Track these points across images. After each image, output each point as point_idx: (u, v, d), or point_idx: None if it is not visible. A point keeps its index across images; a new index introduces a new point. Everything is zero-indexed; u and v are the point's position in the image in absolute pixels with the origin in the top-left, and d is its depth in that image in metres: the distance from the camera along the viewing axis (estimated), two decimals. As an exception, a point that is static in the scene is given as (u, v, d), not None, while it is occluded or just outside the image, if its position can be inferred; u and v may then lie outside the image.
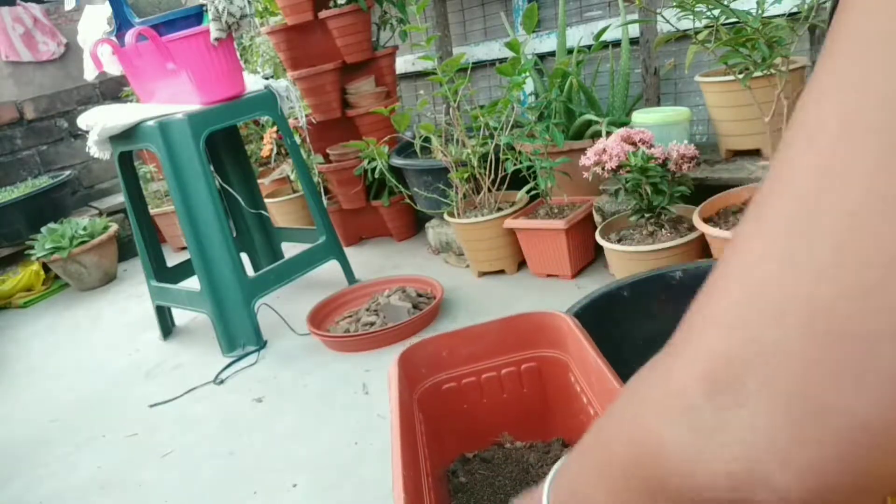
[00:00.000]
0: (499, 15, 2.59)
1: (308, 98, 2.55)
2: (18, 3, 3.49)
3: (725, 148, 1.85)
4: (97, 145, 2.03)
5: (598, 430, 0.34)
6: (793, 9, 1.57)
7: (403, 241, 2.68)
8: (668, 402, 0.26)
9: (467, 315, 1.93)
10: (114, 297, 2.88)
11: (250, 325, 2.01)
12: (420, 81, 3.05)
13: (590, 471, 0.34)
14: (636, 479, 0.28)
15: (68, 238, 2.90)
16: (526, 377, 1.05)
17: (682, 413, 0.25)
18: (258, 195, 2.56)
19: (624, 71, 2.09)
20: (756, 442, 0.23)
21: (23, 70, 3.54)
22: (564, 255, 1.92)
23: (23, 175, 3.49)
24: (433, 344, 1.02)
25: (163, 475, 1.52)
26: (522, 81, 1.93)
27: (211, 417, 1.72)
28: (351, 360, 1.83)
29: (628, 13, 2.13)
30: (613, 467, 0.30)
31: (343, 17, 2.39)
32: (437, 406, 1.03)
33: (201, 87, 1.93)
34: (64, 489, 1.56)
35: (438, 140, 2.12)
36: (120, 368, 2.14)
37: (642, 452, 0.27)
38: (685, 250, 1.62)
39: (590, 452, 0.35)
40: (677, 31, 1.59)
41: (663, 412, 0.26)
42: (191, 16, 1.97)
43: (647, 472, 0.27)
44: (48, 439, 1.80)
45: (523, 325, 1.02)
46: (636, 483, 0.28)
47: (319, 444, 1.49)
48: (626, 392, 0.32)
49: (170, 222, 3.18)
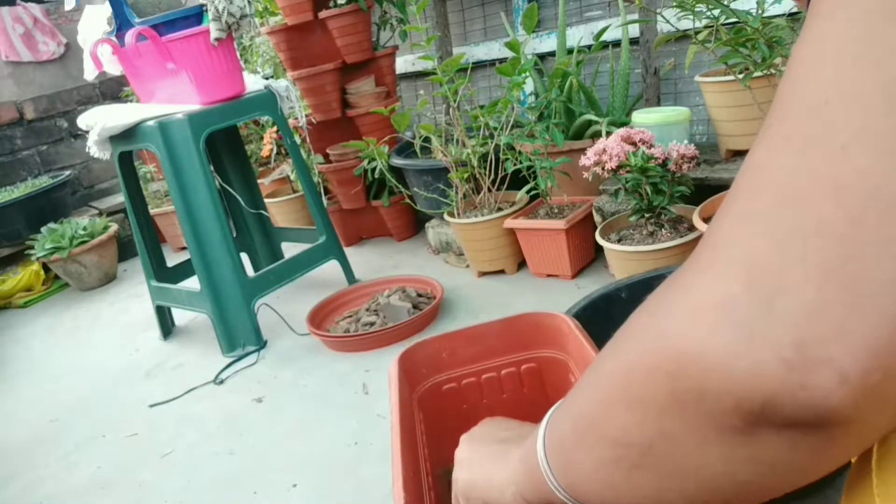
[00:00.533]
0: (499, 15, 2.59)
1: (308, 98, 2.55)
2: (18, 3, 3.49)
3: (725, 148, 1.85)
4: (97, 145, 2.03)
5: (600, 364, 0.34)
6: (793, 9, 1.57)
7: (403, 241, 2.69)
8: (704, 307, 0.26)
9: (467, 315, 1.93)
10: (114, 297, 2.88)
11: (250, 325, 2.01)
12: (420, 81, 3.05)
13: (597, 402, 0.33)
14: (663, 395, 0.28)
15: (68, 238, 2.90)
16: (526, 378, 1.05)
17: (723, 312, 0.25)
18: (258, 195, 2.56)
19: (624, 71, 2.09)
20: (809, 319, 0.23)
21: (23, 70, 3.54)
22: (564, 255, 1.92)
23: (23, 175, 3.49)
24: (433, 344, 1.02)
25: (163, 475, 1.52)
26: (522, 81, 1.93)
27: (211, 417, 1.72)
28: (351, 360, 1.83)
29: (628, 13, 2.13)
30: (631, 389, 0.29)
31: (343, 17, 2.39)
32: (437, 406, 1.03)
33: (201, 87, 1.93)
34: (64, 489, 1.56)
35: (438, 140, 2.12)
36: (120, 368, 2.14)
37: (674, 364, 0.27)
38: (685, 250, 1.62)
39: (594, 385, 0.34)
40: (677, 31, 1.59)
41: (698, 317, 0.26)
42: (191, 16, 1.97)
43: (679, 384, 0.27)
44: (48, 439, 1.80)
45: (523, 325, 1.02)
46: (662, 399, 0.28)
47: (319, 444, 1.49)
48: (633, 322, 0.32)
49: (170, 222, 3.18)
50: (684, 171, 1.63)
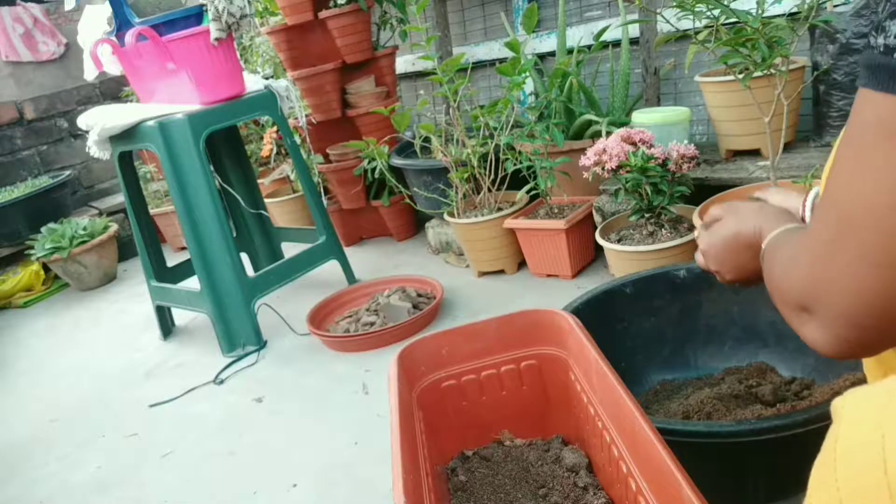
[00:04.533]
0: (499, 15, 2.59)
1: (308, 98, 2.55)
2: (18, 3, 3.49)
3: (725, 148, 1.85)
4: (97, 145, 2.03)
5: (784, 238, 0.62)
6: (793, 9, 1.57)
7: (403, 241, 2.69)
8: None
9: (467, 315, 1.93)
10: (114, 297, 2.87)
11: (250, 325, 2.01)
12: (420, 81, 3.05)
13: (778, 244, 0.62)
14: None
15: (68, 238, 2.90)
16: (526, 375, 1.05)
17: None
18: (258, 195, 2.56)
19: (624, 71, 2.10)
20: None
21: (23, 70, 3.54)
22: (564, 255, 1.92)
23: (23, 175, 3.49)
24: (433, 341, 1.02)
25: (163, 475, 1.52)
26: (522, 81, 1.93)
27: (211, 417, 1.72)
28: (351, 360, 1.83)
29: (628, 13, 2.13)
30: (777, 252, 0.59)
31: (343, 17, 2.39)
32: (436, 403, 1.03)
33: (201, 87, 1.93)
34: (64, 489, 1.56)
35: (438, 140, 2.12)
36: (120, 368, 2.14)
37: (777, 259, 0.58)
38: (685, 250, 1.62)
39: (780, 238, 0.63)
40: (677, 31, 1.59)
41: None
42: (191, 16, 1.97)
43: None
44: (48, 439, 1.80)
45: (523, 322, 1.02)
46: None
47: (319, 444, 1.49)
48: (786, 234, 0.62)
49: (170, 222, 3.18)
50: (684, 170, 1.63)
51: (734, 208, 0.76)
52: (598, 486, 0.95)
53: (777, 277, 0.56)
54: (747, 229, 0.71)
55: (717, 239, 0.76)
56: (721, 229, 0.76)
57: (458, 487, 0.99)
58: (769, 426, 0.84)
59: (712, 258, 0.78)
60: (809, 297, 0.48)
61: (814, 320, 0.48)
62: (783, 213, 0.71)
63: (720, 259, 0.76)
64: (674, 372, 1.30)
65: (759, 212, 0.71)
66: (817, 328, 0.48)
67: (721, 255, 0.76)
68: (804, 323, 0.50)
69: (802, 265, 0.50)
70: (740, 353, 1.27)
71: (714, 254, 0.77)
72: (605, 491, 0.93)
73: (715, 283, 1.29)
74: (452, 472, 1.02)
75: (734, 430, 0.87)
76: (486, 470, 1.01)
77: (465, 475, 1.01)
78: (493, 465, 1.02)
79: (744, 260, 0.72)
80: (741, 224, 0.72)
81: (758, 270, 0.69)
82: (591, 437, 0.96)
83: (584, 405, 0.96)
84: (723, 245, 0.75)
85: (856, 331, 0.45)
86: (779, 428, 0.84)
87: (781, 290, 0.54)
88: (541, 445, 1.05)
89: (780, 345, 1.23)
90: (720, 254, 0.76)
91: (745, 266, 0.73)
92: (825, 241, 0.46)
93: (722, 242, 0.75)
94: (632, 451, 0.79)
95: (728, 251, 0.74)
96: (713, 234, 0.78)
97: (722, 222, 0.77)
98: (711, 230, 0.78)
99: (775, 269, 0.57)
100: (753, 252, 0.70)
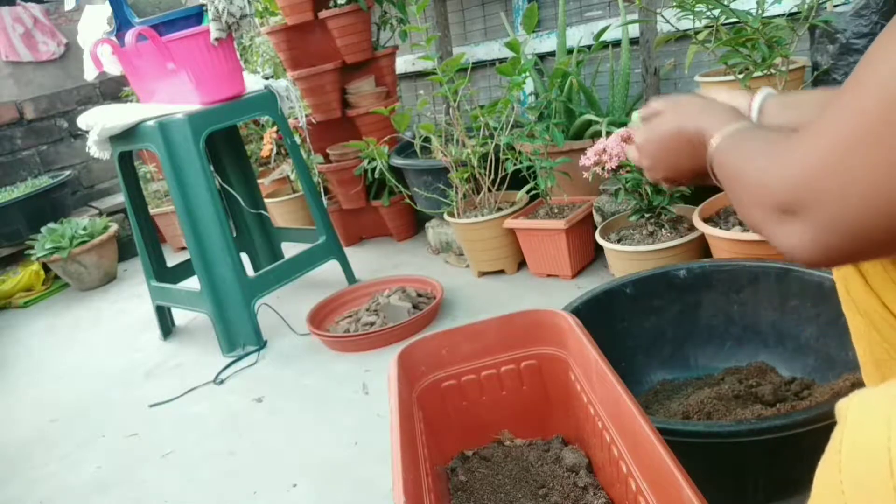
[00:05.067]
0: (499, 15, 2.59)
1: (308, 98, 2.55)
2: (18, 3, 3.49)
3: (725, 148, 1.84)
4: (97, 145, 2.03)
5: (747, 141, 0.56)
6: (793, 9, 1.57)
7: (403, 241, 2.69)
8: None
9: (467, 315, 1.93)
10: (114, 297, 2.88)
11: (250, 325, 2.01)
12: (420, 81, 3.05)
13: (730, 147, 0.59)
14: None
15: (68, 238, 2.90)
16: (526, 374, 1.05)
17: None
18: (258, 195, 2.56)
19: (624, 71, 2.09)
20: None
21: (23, 70, 3.54)
22: (564, 255, 1.92)
23: (23, 175, 3.49)
24: (433, 341, 1.02)
25: (163, 475, 1.52)
26: (522, 81, 1.93)
27: (211, 417, 1.72)
28: (351, 360, 1.83)
29: (628, 13, 2.13)
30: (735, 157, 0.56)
31: (343, 17, 2.39)
32: (436, 403, 1.03)
33: (201, 87, 1.93)
34: (64, 489, 1.56)
35: (438, 140, 2.12)
36: (120, 368, 2.14)
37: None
38: (685, 250, 1.62)
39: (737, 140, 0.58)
40: (677, 31, 1.59)
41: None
42: (191, 16, 1.97)
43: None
44: (48, 439, 1.80)
45: (523, 322, 1.02)
46: None
47: (319, 444, 1.49)
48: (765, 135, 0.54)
49: (170, 222, 3.18)
50: (684, 170, 1.63)
51: (676, 102, 0.73)
52: (598, 486, 0.95)
53: (751, 174, 0.51)
54: (690, 126, 0.66)
55: (656, 135, 0.73)
56: (662, 124, 0.72)
57: (458, 487, 0.99)
58: (769, 426, 0.84)
59: (648, 154, 0.74)
60: (801, 196, 0.43)
61: (798, 222, 0.44)
62: (731, 110, 0.66)
63: (656, 156, 0.73)
64: (674, 372, 1.30)
65: (705, 109, 0.67)
66: (802, 231, 0.44)
67: (658, 152, 0.72)
68: (782, 223, 0.45)
69: (795, 161, 0.45)
70: (740, 353, 1.27)
71: (650, 150, 0.74)
72: (605, 491, 0.93)
73: (715, 283, 1.29)
74: (452, 472, 1.02)
75: (734, 430, 0.87)
76: (486, 470, 1.01)
77: (465, 475, 1.01)
78: (493, 465, 1.02)
79: (682, 158, 0.69)
80: (683, 120, 0.68)
81: (694, 170, 0.66)
82: (591, 437, 0.96)
83: (584, 405, 0.96)
84: (660, 141, 0.72)
85: (848, 240, 0.42)
86: (779, 428, 0.84)
87: (759, 186, 0.48)
88: (541, 445, 1.05)
89: (780, 345, 1.23)
90: (657, 150, 0.72)
91: (680, 165, 0.70)
92: (846, 135, 0.41)
93: (659, 139, 0.72)
94: (632, 451, 0.79)
95: (665, 148, 0.71)
96: (652, 128, 0.74)
97: (662, 117, 0.73)
98: (651, 125, 0.75)
99: (746, 165, 0.52)
100: (693, 150, 0.66)
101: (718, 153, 0.60)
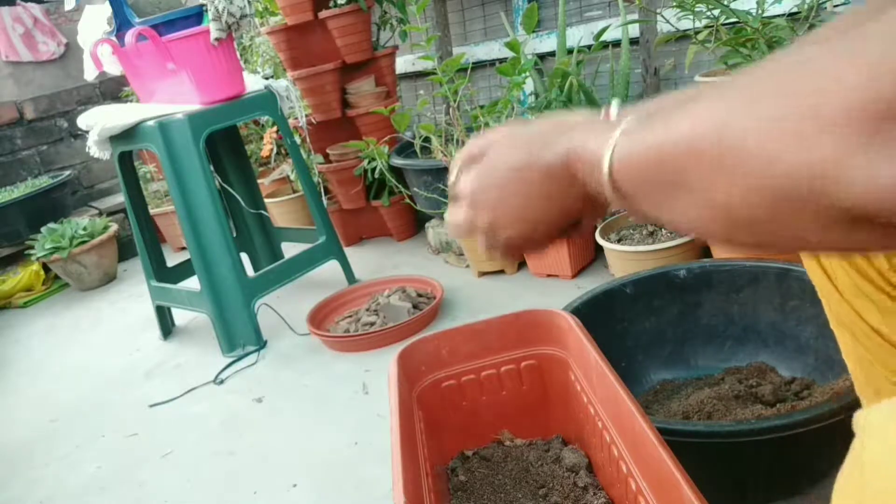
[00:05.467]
0: (499, 15, 2.59)
1: (308, 98, 2.55)
2: (18, 3, 3.49)
3: (725, 148, 1.84)
4: (97, 145, 2.03)
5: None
6: (793, 9, 1.57)
7: (403, 241, 2.69)
8: None
9: (467, 315, 1.93)
10: (114, 297, 2.87)
11: (250, 325, 2.01)
12: (420, 81, 3.05)
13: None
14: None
15: (68, 238, 2.90)
16: (526, 375, 1.05)
17: None
18: (258, 195, 2.56)
19: (624, 71, 2.09)
20: None
21: (23, 70, 3.54)
22: (564, 254, 1.92)
23: (23, 175, 3.49)
24: (433, 341, 1.02)
25: (163, 475, 1.52)
26: (522, 81, 1.93)
27: (211, 417, 1.72)
28: (351, 360, 1.83)
29: (628, 13, 2.13)
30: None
31: (343, 17, 2.39)
32: (436, 403, 1.03)
33: (201, 87, 1.93)
34: (64, 489, 1.56)
35: (438, 140, 2.12)
36: (120, 368, 2.14)
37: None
38: (685, 250, 1.62)
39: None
40: (677, 31, 1.59)
41: None
42: (191, 16, 1.97)
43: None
44: (48, 439, 1.80)
45: (523, 322, 1.02)
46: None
47: (319, 444, 1.49)
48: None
49: (170, 222, 3.18)
50: (684, 170, 1.63)
51: (503, 135, 0.54)
52: (598, 486, 0.95)
53: (793, 93, 0.30)
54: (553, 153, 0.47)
55: (492, 178, 0.52)
56: (497, 163, 0.52)
57: (458, 487, 0.99)
58: (769, 426, 0.84)
59: (487, 204, 0.53)
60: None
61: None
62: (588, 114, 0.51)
63: (502, 201, 0.52)
64: (674, 372, 1.30)
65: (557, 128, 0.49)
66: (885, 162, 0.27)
67: (504, 198, 0.52)
68: (886, 141, 0.27)
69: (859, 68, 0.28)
70: (740, 353, 1.27)
71: (490, 199, 0.53)
72: (605, 491, 0.93)
73: (715, 283, 1.29)
74: (452, 471, 1.02)
75: (734, 430, 0.87)
76: (486, 470, 1.01)
77: (465, 475, 1.01)
78: (493, 465, 1.02)
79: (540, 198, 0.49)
80: (531, 150, 0.49)
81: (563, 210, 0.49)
82: (591, 437, 0.96)
83: (584, 405, 0.96)
84: (501, 183, 0.51)
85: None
86: (779, 428, 0.84)
87: (832, 99, 0.29)
88: (541, 445, 1.05)
89: (780, 345, 1.23)
90: (501, 196, 0.52)
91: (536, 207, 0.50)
92: None
93: (501, 181, 0.51)
94: (632, 451, 0.79)
95: (513, 192, 0.51)
96: (484, 173, 0.53)
97: (493, 154, 0.53)
98: (478, 171, 0.54)
99: (766, 90, 0.32)
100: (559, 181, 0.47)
101: (641, 142, 0.39)
